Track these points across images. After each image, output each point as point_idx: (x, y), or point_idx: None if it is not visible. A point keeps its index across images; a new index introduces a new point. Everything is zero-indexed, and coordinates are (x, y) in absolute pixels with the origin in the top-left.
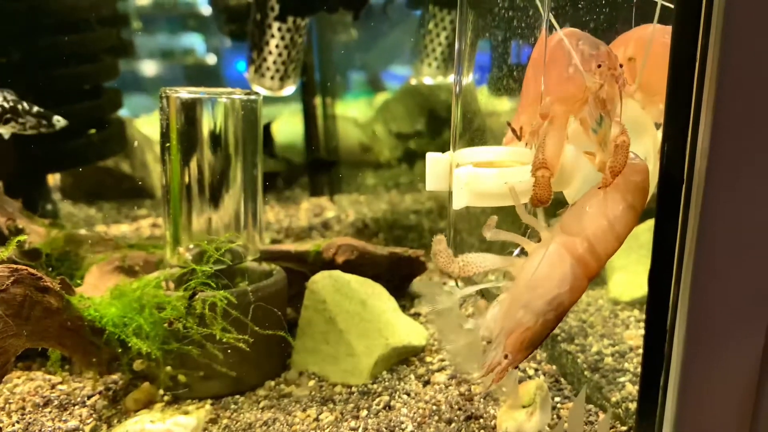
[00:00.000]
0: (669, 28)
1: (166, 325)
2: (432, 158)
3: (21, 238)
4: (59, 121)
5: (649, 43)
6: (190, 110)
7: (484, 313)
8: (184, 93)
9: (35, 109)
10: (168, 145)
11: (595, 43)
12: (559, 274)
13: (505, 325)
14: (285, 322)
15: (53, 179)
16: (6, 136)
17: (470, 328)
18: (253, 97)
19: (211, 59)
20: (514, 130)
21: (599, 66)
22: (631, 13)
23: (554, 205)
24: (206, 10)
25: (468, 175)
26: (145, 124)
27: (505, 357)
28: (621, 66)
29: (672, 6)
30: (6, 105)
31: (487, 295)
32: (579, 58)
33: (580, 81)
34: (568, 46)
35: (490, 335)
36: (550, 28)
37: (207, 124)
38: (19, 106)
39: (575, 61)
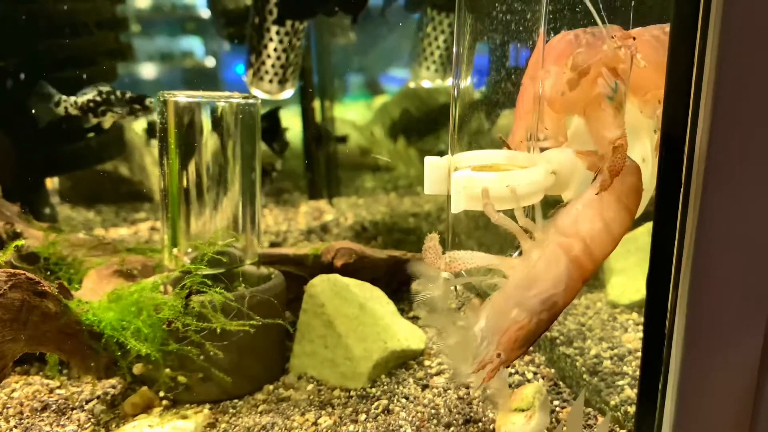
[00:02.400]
0: (651, 28)
1: (164, 326)
2: (430, 162)
3: (19, 242)
4: (152, 102)
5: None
6: (189, 114)
7: (477, 311)
8: (183, 97)
9: (128, 95)
10: (161, 139)
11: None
12: (554, 274)
13: (497, 323)
14: (284, 326)
15: (51, 183)
16: (107, 126)
17: (462, 326)
18: (251, 100)
19: (210, 62)
20: (507, 145)
21: (613, 37)
22: (629, 16)
23: (547, 207)
24: (205, 13)
25: (466, 179)
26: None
27: (498, 355)
28: (634, 39)
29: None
30: (99, 99)
31: (483, 295)
32: (590, 38)
33: (593, 57)
34: (571, 36)
35: (482, 335)
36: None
37: (205, 127)
38: (112, 97)
39: (585, 39)
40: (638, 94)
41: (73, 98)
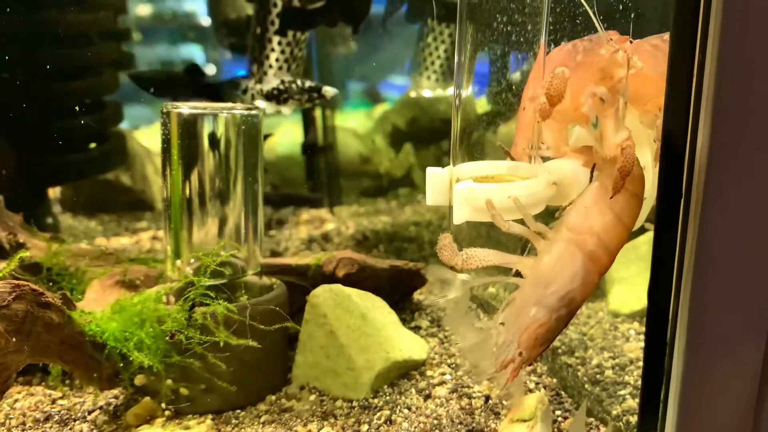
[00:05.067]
0: (651, 38)
1: (167, 338)
2: (432, 173)
3: (23, 254)
4: (328, 91)
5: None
6: (191, 126)
7: (497, 311)
8: (185, 108)
9: (307, 84)
10: (164, 150)
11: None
12: (570, 271)
13: (517, 322)
14: (286, 336)
15: (53, 191)
16: (288, 113)
17: (482, 327)
18: (253, 111)
19: (210, 71)
20: (507, 153)
21: (610, 39)
22: (629, 26)
23: (548, 217)
24: (206, 22)
25: (468, 190)
26: (145, 136)
27: (519, 354)
28: (631, 42)
29: None
30: (282, 87)
31: (485, 305)
32: (587, 44)
33: (591, 62)
34: (570, 46)
35: (502, 336)
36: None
37: (208, 138)
38: (293, 86)
39: (583, 45)
40: (638, 104)
41: (258, 86)
